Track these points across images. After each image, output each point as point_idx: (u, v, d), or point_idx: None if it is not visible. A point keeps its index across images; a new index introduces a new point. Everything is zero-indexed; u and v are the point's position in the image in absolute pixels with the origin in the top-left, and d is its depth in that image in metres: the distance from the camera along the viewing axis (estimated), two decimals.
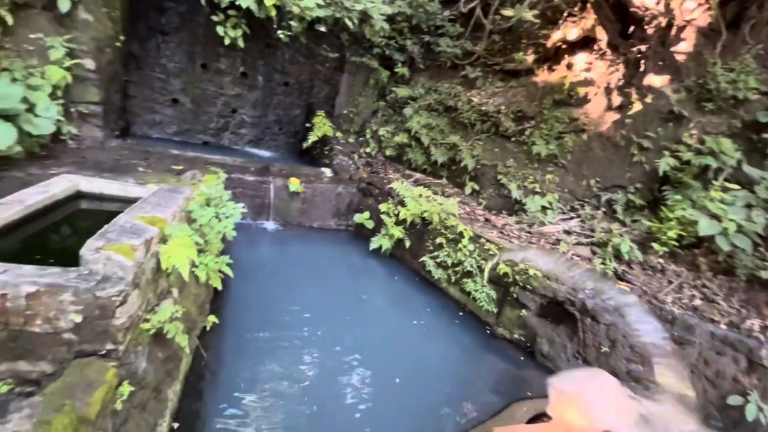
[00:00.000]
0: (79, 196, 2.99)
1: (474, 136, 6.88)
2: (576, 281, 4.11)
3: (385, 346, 3.96)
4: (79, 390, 1.74)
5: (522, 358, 4.19)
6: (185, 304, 2.90)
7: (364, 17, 7.14)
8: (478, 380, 3.67)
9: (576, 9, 6.16)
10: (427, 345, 4.08)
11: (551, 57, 6.55)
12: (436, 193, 6.03)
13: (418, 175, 7.17)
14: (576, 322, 4.02)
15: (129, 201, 3.05)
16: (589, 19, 5.78)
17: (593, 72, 5.83)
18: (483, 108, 6.73)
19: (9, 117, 4.28)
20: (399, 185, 6.04)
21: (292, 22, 6.51)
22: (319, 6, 6.33)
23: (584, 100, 5.80)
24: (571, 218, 5.35)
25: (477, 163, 6.48)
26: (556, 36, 6.28)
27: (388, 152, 7.79)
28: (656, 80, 5.20)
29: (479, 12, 7.33)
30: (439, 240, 5.21)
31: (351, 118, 8.45)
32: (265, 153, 8.72)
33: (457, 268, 4.96)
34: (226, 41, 6.44)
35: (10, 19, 4.65)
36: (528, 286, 4.25)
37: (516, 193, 5.77)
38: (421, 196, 5.81)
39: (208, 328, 3.30)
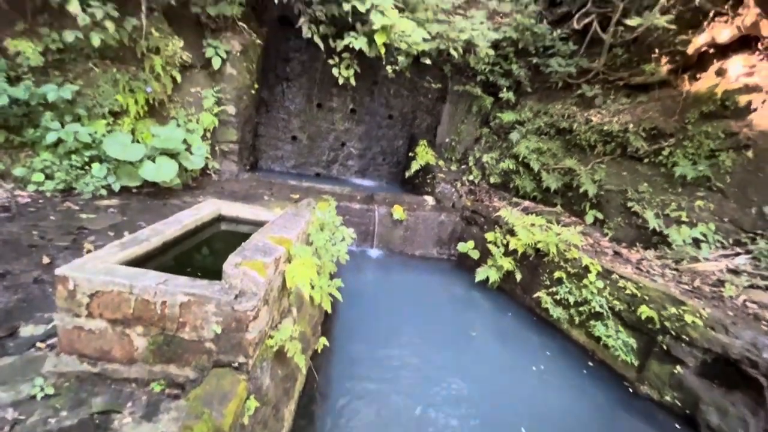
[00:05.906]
0: (220, 218, 3.39)
1: (594, 159, 6.15)
2: (757, 336, 3.18)
3: (504, 391, 3.52)
4: (216, 400, 1.82)
5: (678, 427, 3.33)
6: (302, 325, 2.98)
7: (469, 46, 7.15)
8: None
9: (726, 7, 5.22)
10: (551, 396, 3.52)
11: (693, 65, 5.61)
12: (550, 222, 5.45)
13: (526, 203, 6.64)
14: (761, 390, 3.07)
15: (259, 224, 3.33)
16: (748, 15, 4.82)
17: (757, 76, 4.78)
18: (605, 128, 6.01)
19: (173, 155, 5.21)
20: (507, 213, 5.65)
21: (400, 57, 6.83)
22: (425, 40, 6.54)
23: (746, 111, 4.75)
24: (737, 254, 4.28)
25: (600, 188, 5.73)
26: (699, 40, 5.37)
27: (492, 180, 7.43)
28: None
29: (596, 26, 6.78)
30: (557, 274, 4.63)
31: (453, 146, 8.36)
32: (369, 183, 9.10)
33: (581, 308, 4.31)
34: (340, 81, 7.03)
35: (179, 78, 5.75)
36: (683, 336, 3.43)
37: (654, 223, 4.89)
38: (533, 225, 5.31)
39: (319, 350, 3.35)
